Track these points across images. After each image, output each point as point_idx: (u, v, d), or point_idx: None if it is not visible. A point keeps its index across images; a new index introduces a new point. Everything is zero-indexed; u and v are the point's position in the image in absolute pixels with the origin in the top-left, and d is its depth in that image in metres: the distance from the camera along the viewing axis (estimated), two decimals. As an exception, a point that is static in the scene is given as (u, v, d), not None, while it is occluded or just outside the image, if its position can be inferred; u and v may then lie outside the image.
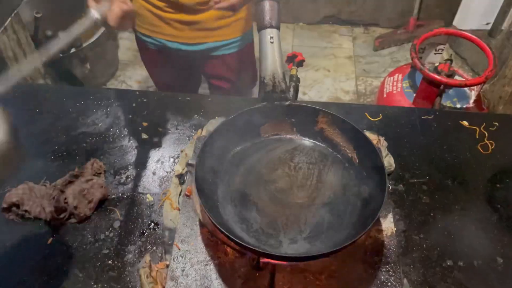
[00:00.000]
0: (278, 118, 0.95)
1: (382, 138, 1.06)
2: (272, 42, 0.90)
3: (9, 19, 1.78)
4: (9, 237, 0.88)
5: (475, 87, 1.96)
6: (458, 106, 1.95)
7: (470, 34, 1.87)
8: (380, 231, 0.87)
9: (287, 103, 0.93)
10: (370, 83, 2.81)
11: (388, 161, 1.01)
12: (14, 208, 0.91)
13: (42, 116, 1.14)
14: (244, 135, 0.94)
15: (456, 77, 1.97)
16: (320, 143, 0.96)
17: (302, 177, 0.89)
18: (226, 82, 1.55)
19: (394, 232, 0.87)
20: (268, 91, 0.92)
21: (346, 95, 2.73)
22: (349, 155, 0.92)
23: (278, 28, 0.92)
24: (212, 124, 1.08)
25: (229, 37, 1.40)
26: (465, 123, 1.13)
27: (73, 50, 2.32)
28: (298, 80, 1.04)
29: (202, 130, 1.08)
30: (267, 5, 0.91)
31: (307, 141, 0.97)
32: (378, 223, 0.88)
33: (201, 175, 0.81)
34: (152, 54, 1.48)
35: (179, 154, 1.04)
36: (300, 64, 1.10)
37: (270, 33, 0.91)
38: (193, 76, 1.69)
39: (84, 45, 2.38)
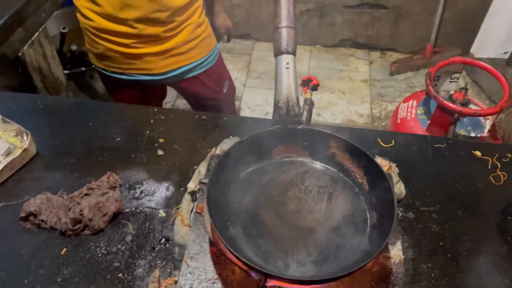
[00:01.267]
0: (291, 141, 0.97)
1: (393, 165, 1.07)
2: (287, 68, 0.93)
3: (37, 33, 1.86)
4: (25, 245, 0.91)
5: (490, 117, 1.95)
6: (473, 134, 1.94)
7: (485, 64, 1.87)
8: (388, 258, 0.87)
9: (300, 126, 0.95)
10: (385, 107, 2.81)
11: (399, 188, 1.02)
12: (31, 218, 0.94)
13: (63, 129, 1.18)
14: (257, 156, 0.96)
15: (471, 106, 1.97)
16: (331, 168, 0.97)
17: (312, 201, 0.90)
18: (210, 99, 1.60)
19: (402, 259, 0.88)
20: (281, 114, 0.94)
21: (360, 118, 2.74)
22: (360, 180, 0.93)
23: (294, 54, 0.95)
24: (226, 143, 1.11)
25: (201, 56, 1.44)
26: (478, 153, 1.13)
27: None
28: (312, 103, 1.06)
29: (216, 148, 1.10)
30: (284, 32, 0.95)
31: (319, 165, 0.98)
32: (387, 250, 0.88)
33: (213, 193, 0.83)
34: (123, 87, 1.52)
35: (193, 171, 1.07)
36: (315, 88, 1.12)
37: (286, 59, 0.93)
38: (161, 98, 1.78)
39: (106, 60, 2.45)
